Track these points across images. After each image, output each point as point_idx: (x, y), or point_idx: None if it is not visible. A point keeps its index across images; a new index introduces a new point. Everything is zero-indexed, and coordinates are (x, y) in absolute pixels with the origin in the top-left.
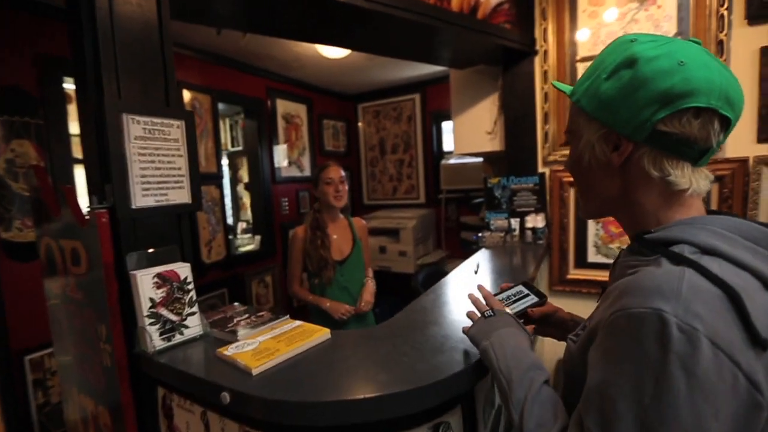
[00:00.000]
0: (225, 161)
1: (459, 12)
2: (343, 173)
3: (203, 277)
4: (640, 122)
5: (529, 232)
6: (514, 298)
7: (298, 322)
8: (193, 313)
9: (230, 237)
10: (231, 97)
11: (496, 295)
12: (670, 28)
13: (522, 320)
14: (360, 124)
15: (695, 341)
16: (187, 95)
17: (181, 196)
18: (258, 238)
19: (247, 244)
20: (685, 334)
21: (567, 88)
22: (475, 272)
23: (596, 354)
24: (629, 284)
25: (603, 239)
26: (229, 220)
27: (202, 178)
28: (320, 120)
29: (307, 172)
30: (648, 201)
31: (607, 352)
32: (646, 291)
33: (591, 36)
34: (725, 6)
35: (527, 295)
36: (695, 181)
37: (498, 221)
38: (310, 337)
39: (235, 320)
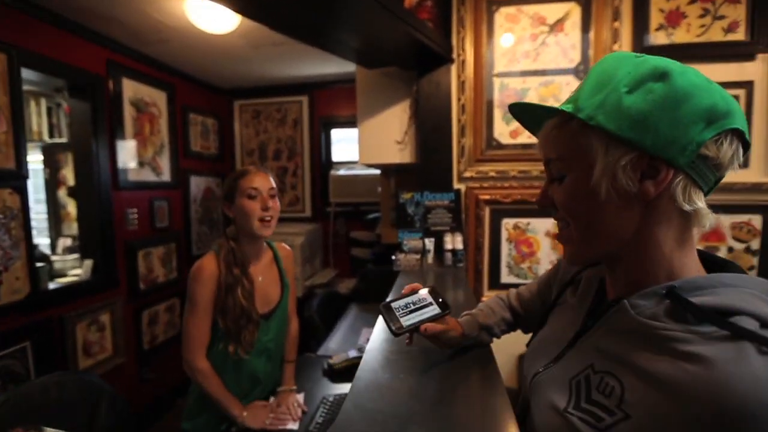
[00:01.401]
0: (36, 156)
1: None
2: (273, 183)
3: None
4: (685, 143)
5: (448, 254)
6: (413, 307)
7: None
8: None
9: (40, 265)
10: (48, 65)
11: (394, 300)
12: (574, 56)
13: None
14: (237, 125)
15: None
16: None
17: None
18: (88, 263)
19: (70, 268)
20: None
21: (541, 106)
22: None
23: None
24: (725, 377)
25: (515, 259)
26: (41, 240)
27: None
28: (185, 113)
29: (166, 176)
30: (666, 242)
31: None
32: (757, 384)
33: (507, 51)
34: (617, 44)
35: (429, 304)
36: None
37: (412, 241)
38: None
39: None
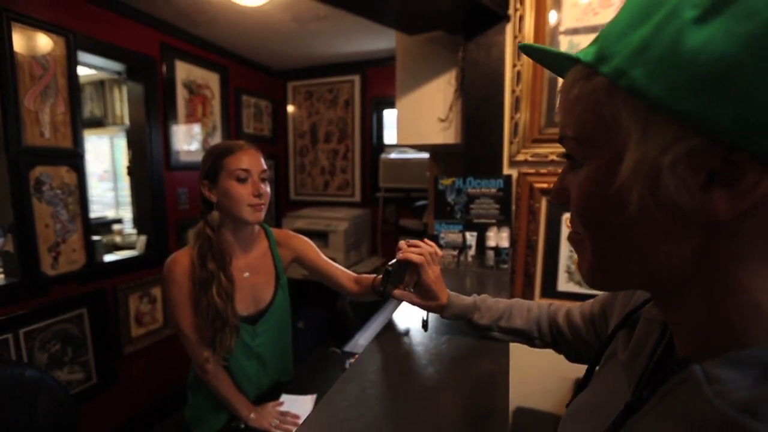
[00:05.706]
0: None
1: None
2: (263, 163)
3: (43, 296)
4: None
5: (490, 253)
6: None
7: None
8: None
9: (96, 238)
10: (104, 49)
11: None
12: None
13: None
14: (291, 107)
15: None
16: (19, 33)
17: None
18: (143, 239)
19: (126, 246)
20: None
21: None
22: (424, 327)
23: None
24: None
25: (578, 264)
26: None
27: (46, 156)
28: (238, 95)
29: None
30: (762, 285)
31: None
32: None
33: (579, 2)
34: None
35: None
36: None
37: (450, 234)
38: None
39: None
